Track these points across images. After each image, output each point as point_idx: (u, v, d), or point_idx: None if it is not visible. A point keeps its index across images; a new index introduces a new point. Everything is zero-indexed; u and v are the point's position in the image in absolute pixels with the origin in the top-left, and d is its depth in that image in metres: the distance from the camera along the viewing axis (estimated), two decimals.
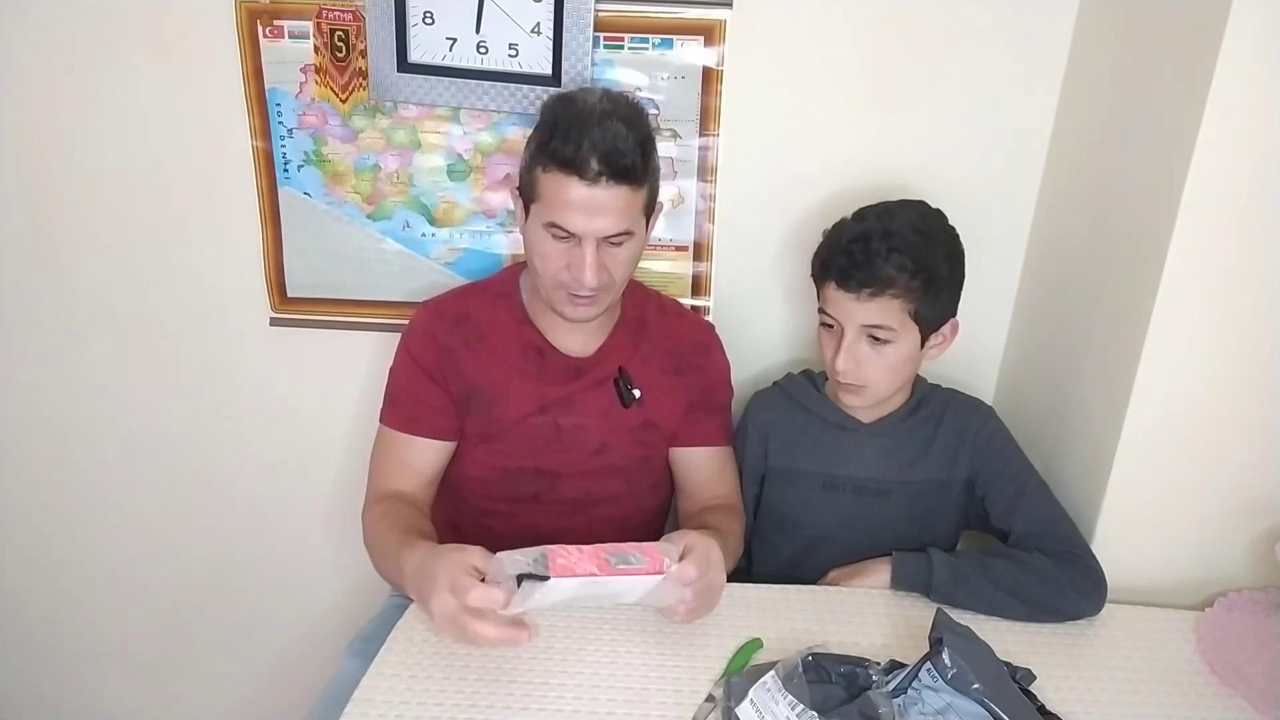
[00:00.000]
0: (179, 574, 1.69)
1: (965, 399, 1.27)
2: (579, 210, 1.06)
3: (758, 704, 0.87)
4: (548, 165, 1.06)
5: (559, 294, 1.13)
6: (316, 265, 1.45)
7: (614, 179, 1.05)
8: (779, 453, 1.26)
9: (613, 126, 1.05)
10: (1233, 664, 1.02)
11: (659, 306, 1.30)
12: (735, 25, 1.30)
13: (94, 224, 1.45)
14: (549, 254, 1.11)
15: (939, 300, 1.13)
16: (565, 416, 1.21)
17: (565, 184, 1.05)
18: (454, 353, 1.20)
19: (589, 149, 1.03)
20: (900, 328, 1.12)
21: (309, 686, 1.25)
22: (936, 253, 1.12)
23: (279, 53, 1.34)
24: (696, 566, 0.95)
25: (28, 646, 1.77)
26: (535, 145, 1.09)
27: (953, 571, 1.09)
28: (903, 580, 1.11)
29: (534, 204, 1.11)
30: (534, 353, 1.21)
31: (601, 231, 1.08)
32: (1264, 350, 1.07)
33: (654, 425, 1.25)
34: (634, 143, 1.06)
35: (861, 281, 1.09)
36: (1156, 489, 1.13)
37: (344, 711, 0.91)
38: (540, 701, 0.93)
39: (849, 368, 1.13)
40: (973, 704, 0.88)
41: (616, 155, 1.04)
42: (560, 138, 1.05)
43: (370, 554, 1.15)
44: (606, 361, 1.23)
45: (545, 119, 1.10)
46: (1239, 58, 0.95)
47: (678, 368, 1.26)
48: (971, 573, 1.09)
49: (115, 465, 1.61)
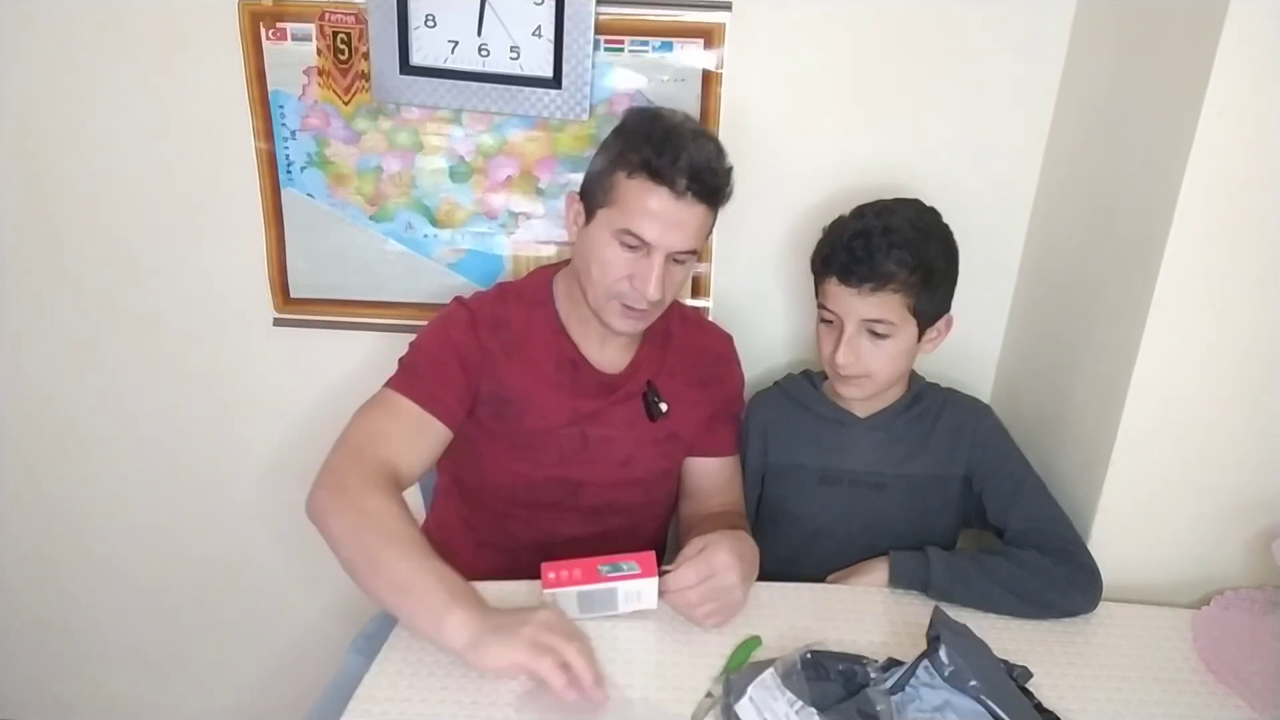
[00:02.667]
0: (182, 572, 1.70)
1: (964, 397, 1.28)
2: (659, 221, 1.06)
3: (756, 701, 0.88)
4: (634, 172, 1.06)
5: (612, 305, 1.12)
6: (319, 266, 1.46)
7: (699, 197, 1.07)
8: (778, 449, 1.28)
9: (706, 145, 1.07)
10: (1229, 662, 1.02)
11: (682, 316, 1.30)
12: (735, 28, 1.30)
13: (98, 226, 1.46)
14: (611, 261, 1.10)
15: (936, 295, 1.15)
16: (594, 428, 1.21)
17: (652, 193, 1.05)
18: (492, 355, 1.18)
19: (685, 163, 1.04)
20: (899, 322, 1.13)
21: (311, 684, 1.26)
22: (934, 248, 1.14)
23: (282, 55, 1.34)
24: (696, 570, 0.96)
25: (31, 644, 1.78)
26: (618, 153, 1.08)
27: (950, 569, 1.09)
28: (901, 578, 1.12)
29: (605, 209, 1.10)
30: (568, 365, 1.20)
31: (675, 246, 1.08)
32: (1260, 349, 1.07)
33: (678, 437, 1.25)
34: (725, 165, 1.09)
35: (863, 276, 1.11)
36: (1153, 488, 1.13)
37: (346, 709, 0.92)
38: (541, 700, 0.93)
39: (849, 360, 1.15)
40: (970, 701, 0.89)
41: (709, 174, 1.06)
42: (654, 148, 1.05)
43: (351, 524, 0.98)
44: (637, 375, 1.23)
45: (631, 128, 1.10)
46: (1236, 58, 0.96)
47: (701, 380, 1.26)
48: (969, 570, 1.09)
49: (119, 465, 1.62)
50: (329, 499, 1.02)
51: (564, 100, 1.32)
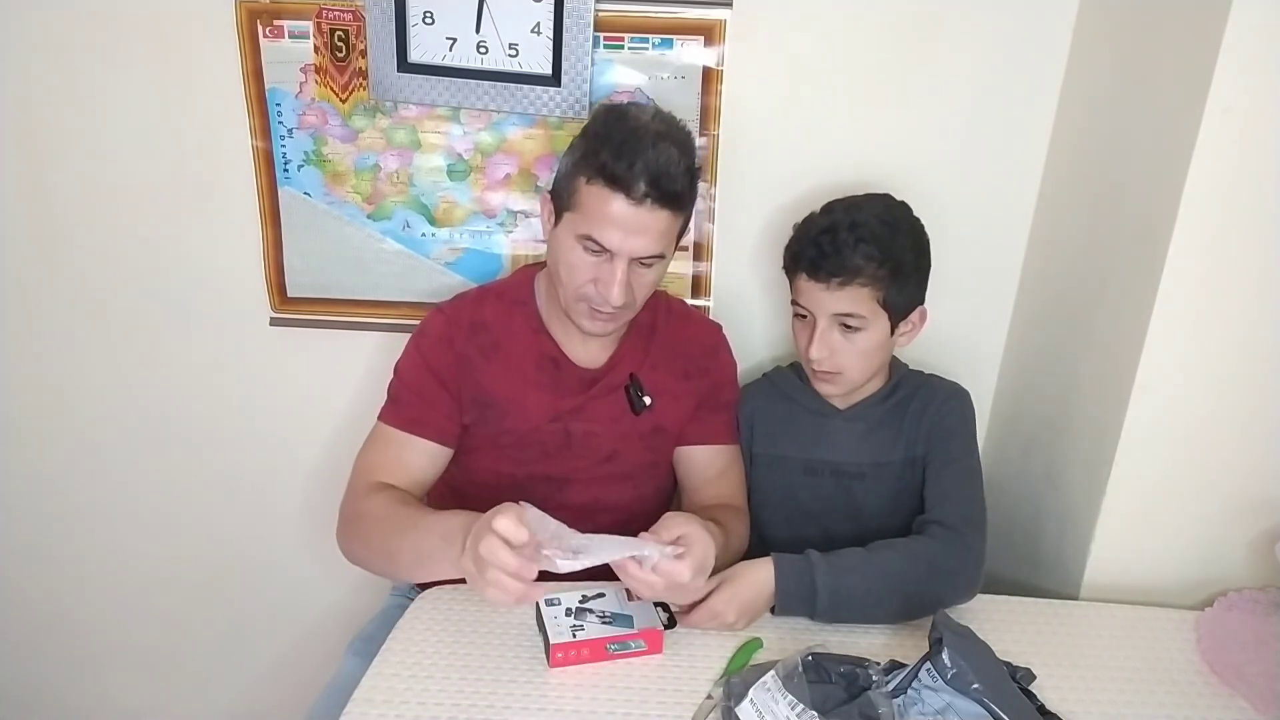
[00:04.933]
0: (180, 573, 1.69)
1: (942, 382, 1.27)
2: (618, 228, 1.05)
3: (758, 703, 0.87)
4: (593, 178, 1.05)
5: (580, 306, 1.12)
6: (317, 265, 1.45)
7: (659, 202, 1.05)
8: (763, 439, 1.29)
9: (666, 150, 1.04)
10: (1232, 664, 1.02)
11: (668, 309, 1.29)
12: (735, 25, 1.30)
13: (95, 224, 1.45)
14: (577, 265, 1.09)
15: (906, 288, 1.16)
16: (576, 424, 1.21)
17: (609, 199, 1.04)
18: (469, 361, 1.19)
19: (641, 169, 1.02)
20: (870, 315, 1.14)
21: (309, 686, 1.25)
22: (902, 242, 1.14)
23: (279, 53, 1.34)
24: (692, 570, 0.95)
25: (29, 645, 1.77)
26: (581, 155, 1.07)
27: (834, 596, 1.05)
28: (786, 596, 1.06)
29: (569, 213, 1.09)
30: (549, 363, 1.21)
31: (637, 252, 1.07)
32: (1264, 349, 1.07)
33: (663, 430, 1.25)
34: (684, 168, 1.06)
35: (830, 271, 1.12)
36: (1156, 488, 1.13)
37: (344, 711, 0.92)
38: (540, 701, 0.93)
39: (822, 355, 1.16)
40: (972, 704, 0.88)
41: (667, 179, 1.04)
42: (611, 152, 1.03)
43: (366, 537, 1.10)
44: (618, 369, 1.22)
45: (595, 130, 1.08)
46: (1239, 57, 0.95)
47: (686, 372, 1.26)
48: (854, 586, 1.06)
49: (116, 464, 1.61)
50: (342, 539, 1.16)
51: (563, 98, 1.32)
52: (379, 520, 1.09)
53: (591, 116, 1.12)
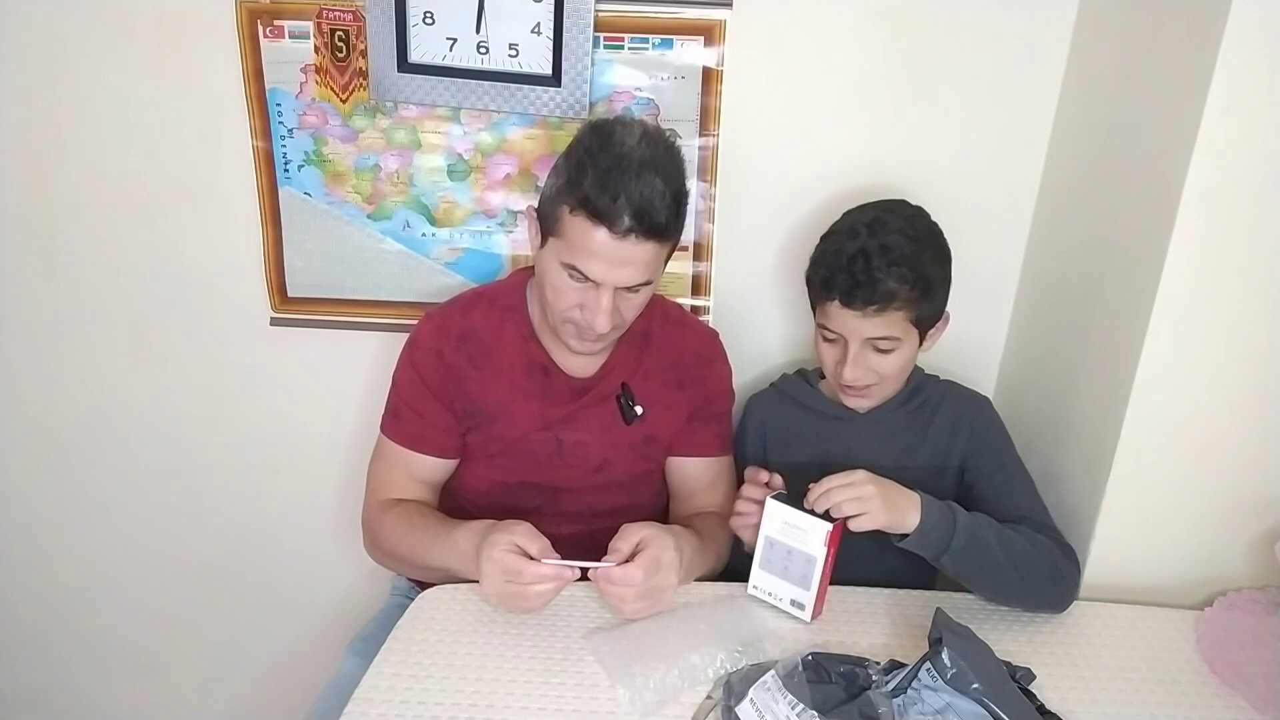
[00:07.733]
0: (179, 574, 1.69)
1: (963, 390, 1.28)
2: (602, 260, 1.03)
3: (758, 703, 0.87)
4: (575, 209, 1.02)
5: (567, 327, 1.12)
6: (317, 265, 1.45)
7: (644, 235, 1.02)
8: (778, 448, 1.28)
9: (650, 181, 1.00)
10: (1232, 663, 1.02)
11: (664, 315, 1.27)
12: (735, 25, 1.30)
13: (94, 224, 1.45)
14: (562, 290, 1.08)
15: (935, 302, 1.16)
16: (567, 433, 1.21)
17: (592, 232, 1.02)
18: (459, 371, 1.19)
19: (624, 204, 0.99)
20: (904, 335, 1.14)
21: (309, 686, 1.25)
22: (929, 257, 1.13)
23: (279, 53, 1.34)
24: (644, 570, 0.97)
25: (27, 648, 1.77)
26: (565, 180, 1.04)
27: (971, 538, 1.05)
28: (925, 534, 1.05)
29: (554, 239, 1.07)
30: (539, 371, 1.20)
31: (622, 282, 1.05)
32: (1264, 349, 1.07)
33: (655, 440, 1.24)
34: (670, 199, 1.02)
35: (866, 299, 1.10)
36: (1156, 488, 1.13)
37: (344, 711, 0.92)
38: (540, 701, 0.93)
39: (858, 376, 1.15)
40: (972, 704, 0.88)
41: (651, 213, 1.01)
42: (595, 185, 1.00)
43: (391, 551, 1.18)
44: (610, 378, 1.22)
45: (578, 155, 1.04)
46: (1239, 57, 0.95)
47: (679, 381, 1.25)
48: (987, 537, 1.06)
49: (115, 465, 1.61)
50: (373, 551, 1.24)
51: (563, 98, 1.32)
52: (398, 540, 1.16)
53: (575, 137, 1.08)
